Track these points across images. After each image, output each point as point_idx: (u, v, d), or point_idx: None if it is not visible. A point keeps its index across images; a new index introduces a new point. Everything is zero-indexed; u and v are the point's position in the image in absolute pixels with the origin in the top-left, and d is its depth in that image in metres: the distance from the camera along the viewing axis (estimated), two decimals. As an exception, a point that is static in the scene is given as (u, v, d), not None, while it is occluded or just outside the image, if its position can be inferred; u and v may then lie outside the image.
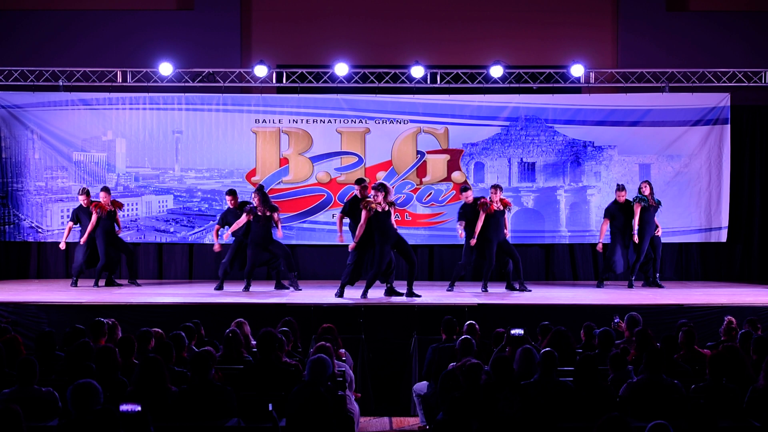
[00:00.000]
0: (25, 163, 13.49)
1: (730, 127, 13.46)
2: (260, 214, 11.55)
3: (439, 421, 5.51)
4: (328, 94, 13.50)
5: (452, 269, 12.51)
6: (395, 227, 10.89)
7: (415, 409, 8.80)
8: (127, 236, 13.03)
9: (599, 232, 12.57)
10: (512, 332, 7.47)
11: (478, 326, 8.41)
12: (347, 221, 11.55)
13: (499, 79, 13.09)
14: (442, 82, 13.37)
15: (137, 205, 13.31)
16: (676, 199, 13.36)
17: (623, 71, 13.41)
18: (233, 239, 12.10)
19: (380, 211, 10.63)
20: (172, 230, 13.58)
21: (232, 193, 12.26)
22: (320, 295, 11.09)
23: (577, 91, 13.69)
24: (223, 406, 6.11)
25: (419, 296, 10.76)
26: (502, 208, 11.70)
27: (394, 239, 10.78)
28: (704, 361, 6.94)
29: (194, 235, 13.58)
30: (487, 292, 11.54)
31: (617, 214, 12.33)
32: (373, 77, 13.28)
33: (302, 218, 13.43)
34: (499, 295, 11.43)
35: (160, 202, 13.57)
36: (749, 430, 5.94)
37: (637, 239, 12.16)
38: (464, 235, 11.83)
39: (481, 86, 13.34)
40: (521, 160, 13.60)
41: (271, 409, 5.85)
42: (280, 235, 11.90)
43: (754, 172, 13.82)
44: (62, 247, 12.60)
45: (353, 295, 10.87)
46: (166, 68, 12.97)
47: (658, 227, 12.42)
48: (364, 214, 10.67)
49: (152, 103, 13.50)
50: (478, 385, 6.10)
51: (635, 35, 13.99)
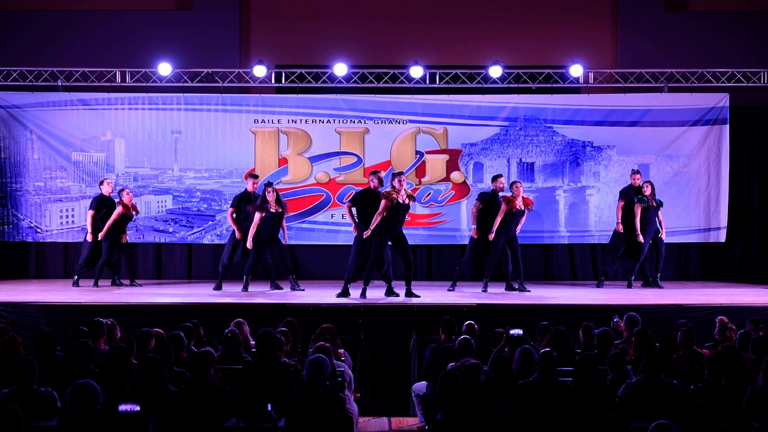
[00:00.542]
0: (24, 163, 13.48)
1: (729, 127, 13.48)
2: (273, 210, 11.53)
3: (438, 421, 5.51)
4: (327, 94, 13.50)
5: (451, 269, 12.52)
6: (402, 223, 10.77)
7: (414, 409, 8.80)
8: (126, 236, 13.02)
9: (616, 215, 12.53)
10: (511, 332, 7.47)
11: (477, 326, 8.41)
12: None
13: (498, 79, 13.10)
14: (441, 82, 13.37)
15: (136, 205, 13.26)
16: (675, 199, 13.36)
17: (622, 71, 13.42)
18: (228, 237, 12.16)
19: (400, 202, 10.55)
20: (171, 230, 13.58)
21: (255, 176, 12.19)
22: (319, 295, 11.08)
23: (576, 91, 13.69)
24: (222, 406, 6.12)
25: (418, 296, 10.76)
26: (523, 208, 11.68)
27: (395, 233, 10.71)
28: (703, 361, 6.95)
29: (193, 235, 13.58)
30: (486, 292, 11.55)
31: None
32: (372, 77, 13.28)
33: (301, 218, 13.42)
34: (498, 295, 11.42)
35: (159, 202, 13.57)
36: (748, 430, 5.94)
37: (641, 239, 12.18)
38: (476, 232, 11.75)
39: (480, 86, 13.35)
40: (520, 160, 13.60)
41: (270, 409, 5.85)
42: (286, 240, 11.87)
43: (753, 172, 13.84)
44: (89, 239, 12.20)
45: (353, 294, 10.88)
46: (165, 68, 12.96)
47: (662, 229, 12.41)
48: (384, 202, 10.49)
49: (151, 103, 13.50)
50: (477, 385, 6.10)
51: (634, 35, 14.00)
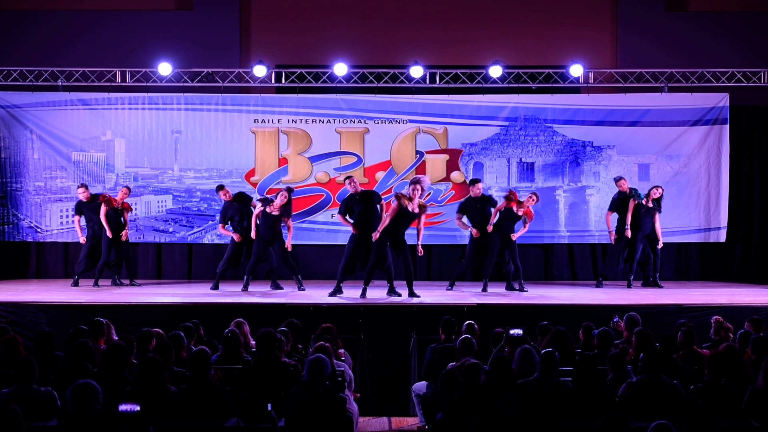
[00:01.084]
0: (24, 163, 13.48)
1: (729, 127, 13.48)
2: (269, 211, 11.48)
3: (438, 421, 5.50)
4: (327, 94, 13.50)
5: (451, 269, 12.52)
6: (405, 229, 10.82)
7: (414, 409, 8.80)
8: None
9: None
10: (511, 332, 7.47)
11: (477, 326, 8.41)
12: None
13: (498, 79, 13.09)
14: (441, 82, 13.37)
15: (136, 205, 13.27)
16: (675, 199, 13.36)
17: (622, 71, 13.41)
18: (230, 239, 12.14)
19: (408, 210, 10.59)
20: (171, 230, 13.57)
21: (221, 188, 12.14)
22: (319, 295, 11.07)
23: (576, 91, 13.69)
24: (222, 406, 6.11)
25: (418, 296, 10.78)
26: (520, 214, 11.71)
27: (395, 237, 10.74)
28: (703, 361, 6.94)
29: (193, 235, 13.58)
30: (486, 292, 11.55)
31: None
32: (372, 77, 13.28)
33: (301, 218, 13.41)
34: (498, 295, 11.42)
35: (159, 202, 13.57)
36: (748, 430, 5.94)
37: (629, 233, 12.20)
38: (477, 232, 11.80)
39: (480, 86, 13.34)
40: (520, 160, 13.60)
41: (270, 409, 5.85)
42: (289, 247, 11.79)
43: (753, 172, 13.83)
44: (82, 241, 12.35)
45: (353, 294, 10.88)
46: (165, 68, 12.96)
47: (659, 239, 12.40)
48: (395, 204, 10.55)
49: (151, 103, 13.49)
50: (477, 385, 6.10)
51: (634, 35, 14.00)
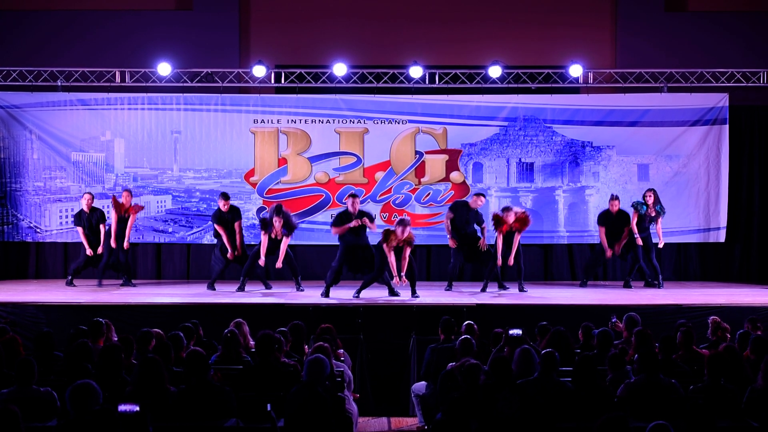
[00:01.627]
0: (23, 163, 13.47)
1: (728, 127, 13.47)
2: (273, 236, 11.54)
3: (437, 421, 5.51)
4: (326, 94, 13.50)
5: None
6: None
7: (413, 409, 8.80)
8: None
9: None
10: (511, 332, 7.47)
11: (476, 326, 8.41)
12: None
13: (497, 79, 13.09)
14: (440, 82, 13.37)
15: (135, 205, 13.25)
16: (674, 199, 13.35)
17: (622, 71, 13.41)
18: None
19: (395, 245, 10.81)
20: (170, 230, 13.57)
21: (226, 198, 12.09)
22: (319, 295, 11.08)
23: (575, 91, 13.69)
24: (222, 406, 6.12)
25: (417, 296, 10.83)
26: (512, 229, 11.71)
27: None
28: (703, 361, 6.95)
29: (192, 235, 13.57)
30: (486, 292, 11.56)
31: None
32: (371, 77, 13.28)
33: (301, 218, 13.36)
34: (498, 295, 11.43)
35: (158, 202, 13.57)
36: (748, 430, 5.94)
37: (640, 241, 12.25)
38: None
39: (479, 86, 13.34)
40: (520, 160, 13.60)
41: (269, 409, 5.85)
42: (279, 265, 11.67)
43: (752, 172, 13.83)
44: (89, 253, 12.26)
45: (347, 294, 10.90)
46: (164, 68, 12.96)
47: (660, 239, 12.47)
48: (385, 246, 10.76)
49: (151, 103, 13.49)
50: (477, 385, 6.10)
51: (634, 35, 13.99)
